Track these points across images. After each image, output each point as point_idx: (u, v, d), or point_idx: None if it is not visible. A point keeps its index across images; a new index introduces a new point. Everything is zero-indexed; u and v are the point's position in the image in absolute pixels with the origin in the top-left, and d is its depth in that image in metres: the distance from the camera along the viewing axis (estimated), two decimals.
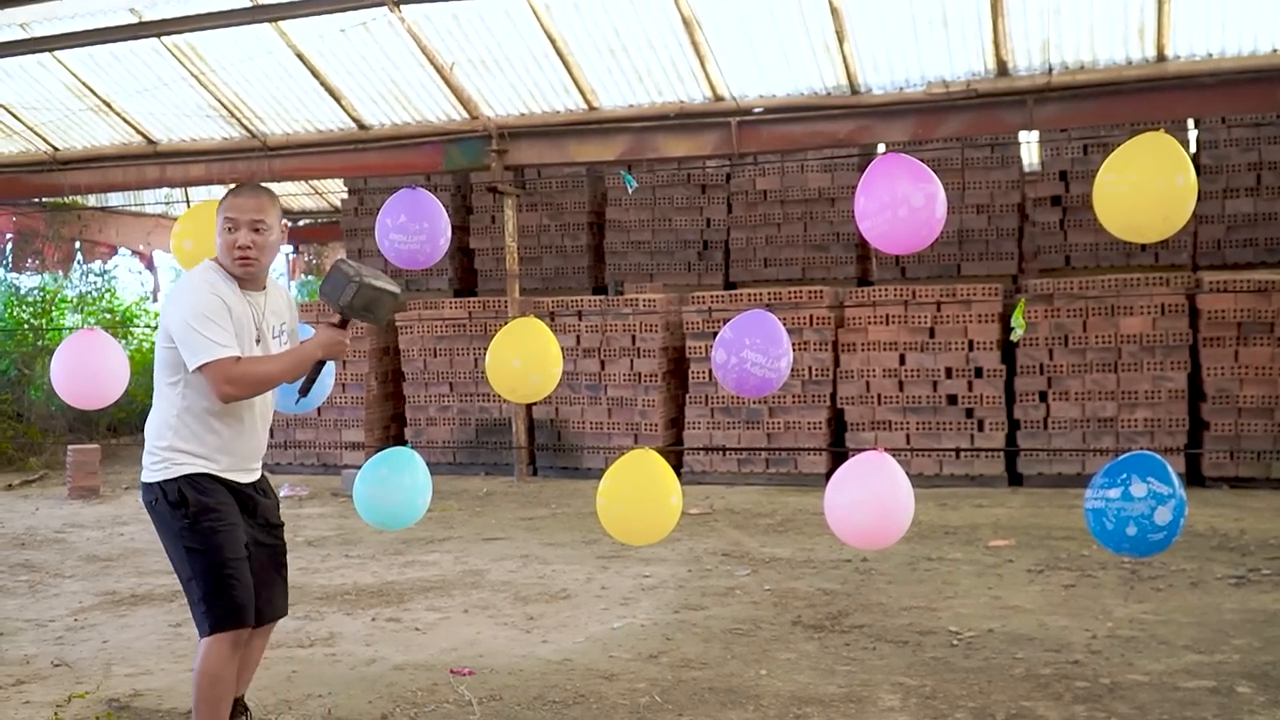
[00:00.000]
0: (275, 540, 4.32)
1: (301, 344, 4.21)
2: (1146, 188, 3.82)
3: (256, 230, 4.09)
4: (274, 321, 4.26)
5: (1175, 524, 3.76)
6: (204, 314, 3.93)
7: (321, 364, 4.24)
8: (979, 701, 5.03)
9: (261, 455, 4.30)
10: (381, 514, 4.95)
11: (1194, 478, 10.87)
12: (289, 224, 20.81)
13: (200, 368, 3.91)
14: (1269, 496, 10.28)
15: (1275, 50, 9.81)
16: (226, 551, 4.03)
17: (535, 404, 12.56)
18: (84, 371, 5.37)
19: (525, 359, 5.00)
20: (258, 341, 4.15)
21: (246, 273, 4.10)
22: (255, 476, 4.26)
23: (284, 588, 4.39)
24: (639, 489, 4.69)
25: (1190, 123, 12.47)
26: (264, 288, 4.24)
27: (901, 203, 4.05)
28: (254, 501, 4.21)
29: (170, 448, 4.05)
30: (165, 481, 4.04)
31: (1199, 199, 12.75)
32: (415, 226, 5.04)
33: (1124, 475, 3.80)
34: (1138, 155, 3.87)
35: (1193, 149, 12.53)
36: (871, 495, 4.10)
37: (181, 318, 3.94)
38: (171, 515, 4.03)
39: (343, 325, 4.21)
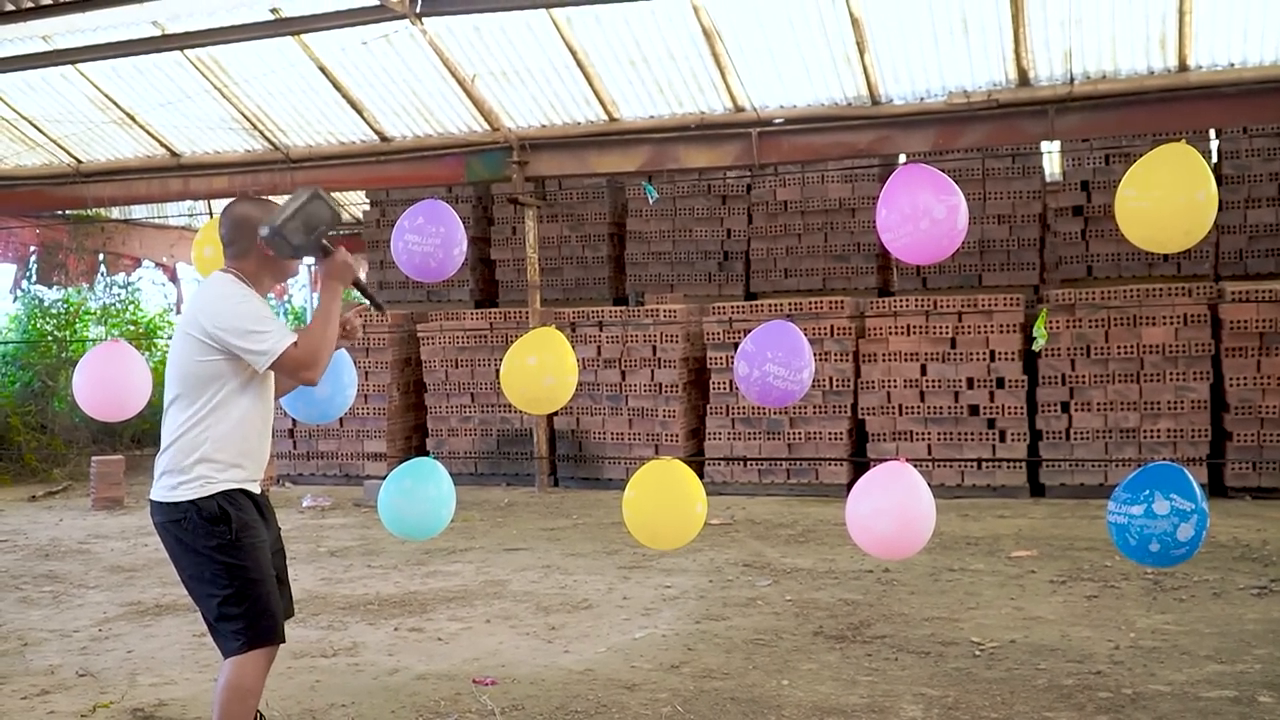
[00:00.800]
0: (280, 543, 4.31)
1: (320, 298, 4.17)
2: (1167, 203, 3.83)
3: None
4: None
5: (1197, 538, 3.76)
6: (257, 313, 3.91)
7: (364, 291, 4.21)
8: (1001, 712, 5.02)
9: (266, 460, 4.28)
10: (406, 524, 4.97)
11: (1216, 488, 10.82)
12: None
13: (276, 363, 3.88)
14: None
15: None
16: (264, 567, 3.99)
17: (556, 415, 12.58)
18: (106, 383, 5.41)
19: (541, 361, 5.01)
20: None
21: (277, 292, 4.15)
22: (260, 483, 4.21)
23: (289, 590, 4.34)
24: (666, 493, 4.71)
25: (1212, 133, 12.44)
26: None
27: (923, 215, 4.06)
28: (264, 510, 4.16)
29: (204, 460, 3.94)
30: (202, 499, 3.92)
31: (1220, 209, 12.69)
32: (430, 229, 5.06)
33: (1147, 492, 3.80)
34: (1159, 169, 3.87)
35: (1214, 159, 12.49)
36: (893, 505, 4.11)
37: (239, 321, 3.88)
38: (208, 533, 3.91)
39: (324, 255, 4.09)
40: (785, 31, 10.31)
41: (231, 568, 3.92)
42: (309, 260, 4.15)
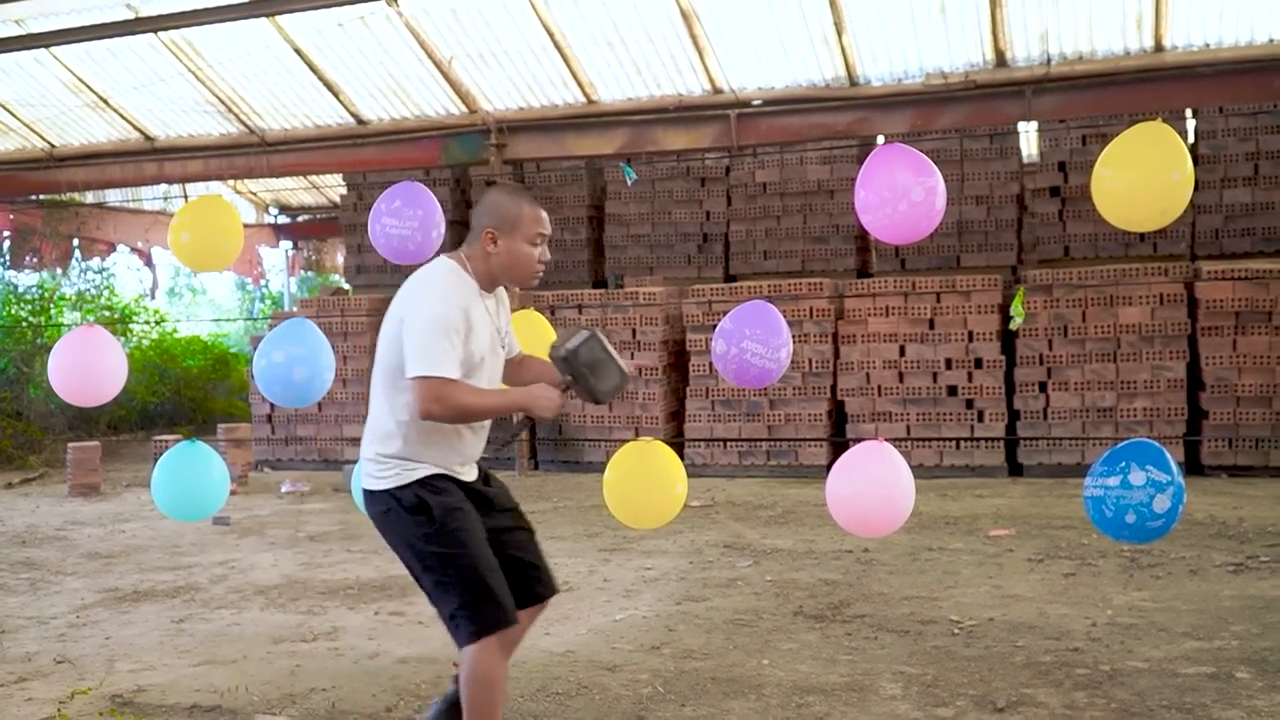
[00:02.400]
0: (520, 523, 4.14)
1: (513, 390, 4.01)
2: (1143, 182, 3.84)
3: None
4: (504, 325, 4.07)
5: (1174, 511, 3.78)
6: (446, 326, 3.71)
7: (528, 423, 4.04)
8: (980, 689, 5.05)
9: (479, 454, 4.09)
10: None
11: (1193, 466, 10.90)
12: (287, 219, 20.85)
13: (417, 378, 3.69)
14: (1267, 484, 10.30)
15: (1272, 40, 9.81)
16: (479, 550, 3.82)
17: None
18: (81, 369, 5.37)
19: (524, 346, 5.00)
20: (503, 346, 4.02)
21: (532, 284, 4.00)
22: (476, 473, 4.06)
23: (547, 566, 4.21)
24: (647, 472, 4.72)
25: (1188, 112, 12.48)
26: (494, 290, 4.04)
27: (901, 197, 4.07)
28: (483, 495, 4.00)
29: (399, 455, 3.84)
30: (399, 489, 3.82)
31: (1197, 189, 12.79)
32: (409, 213, 5.05)
33: (1123, 463, 3.82)
34: (1135, 148, 3.88)
35: (1190, 139, 12.54)
36: (872, 483, 4.12)
37: (421, 322, 3.72)
38: (412, 524, 3.81)
39: (563, 389, 3.94)
40: (763, 12, 10.29)
41: (442, 557, 3.79)
42: (562, 379, 3.96)
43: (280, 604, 7.04)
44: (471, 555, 3.79)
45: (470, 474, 3.99)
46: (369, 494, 3.91)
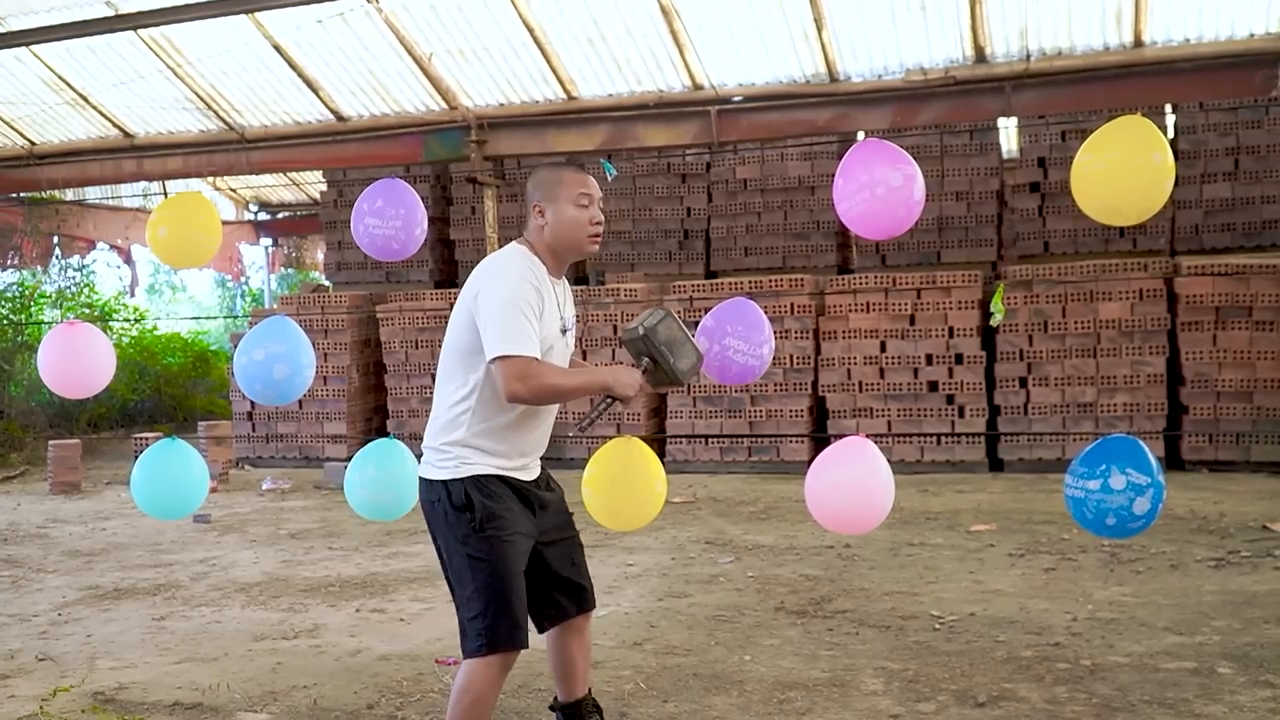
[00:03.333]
0: (569, 533, 4.06)
1: (596, 368, 3.94)
2: (1124, 167, 3.84)
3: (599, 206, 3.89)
4: (568, 313, 3.97)
5: (1153, 511, 3.80)
6: (521, 303, 3.61)
7: (610, 401, 3.88)
8: (961, 684, 5.06)
9: (544, 449, 4.00)
10: (373, 505, 4.96)
11: (1173, 461, 10.94)
12: (267, 216, 20.79)
13: (499, 358, 3.57)
14: (1248, 479, 10.35)
15: (1252, 35, 9.86)
16: (510, 565, 3.72)
17: None
18: (72, 360, 5.35)
19: None
20: (564, 332, 3.89)
21: (593, 252, 3.91)
22: (537, 472, 3.96)
23: (589, 580, 4.12)
24: (625, 474, 4.70)
25: (1168, 108, 12.53)
26: (562, 276, 3.97)
27: (879, 182, 4.07)
28: (539, 498, 3.91)
29: (461, 443, 3.75)
30: (451, 481, 3.73)
31: (1177, 184, 12.77)
32: (391, 212, 5.03)
33: (1103, 466, 3.82)
34: (1115, 137, 3.89)
35: (1170, 134, 12.59)
36: (851, 480, 4.12)
37: (496, 302, 3.62)
38: (456, 520, 3.73)
39: (642, 372, 3.89)
40: (743, 9, 10.30)
41: (474, 561, 3.70)
42: (637, 357, 3.91)
43: (261, 601, 7.02)
44: (502, 568, 3.71)
45: (530, 473, 3.90)
46: (423, 481, 3.85)
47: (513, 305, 3.61)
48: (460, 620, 3.78)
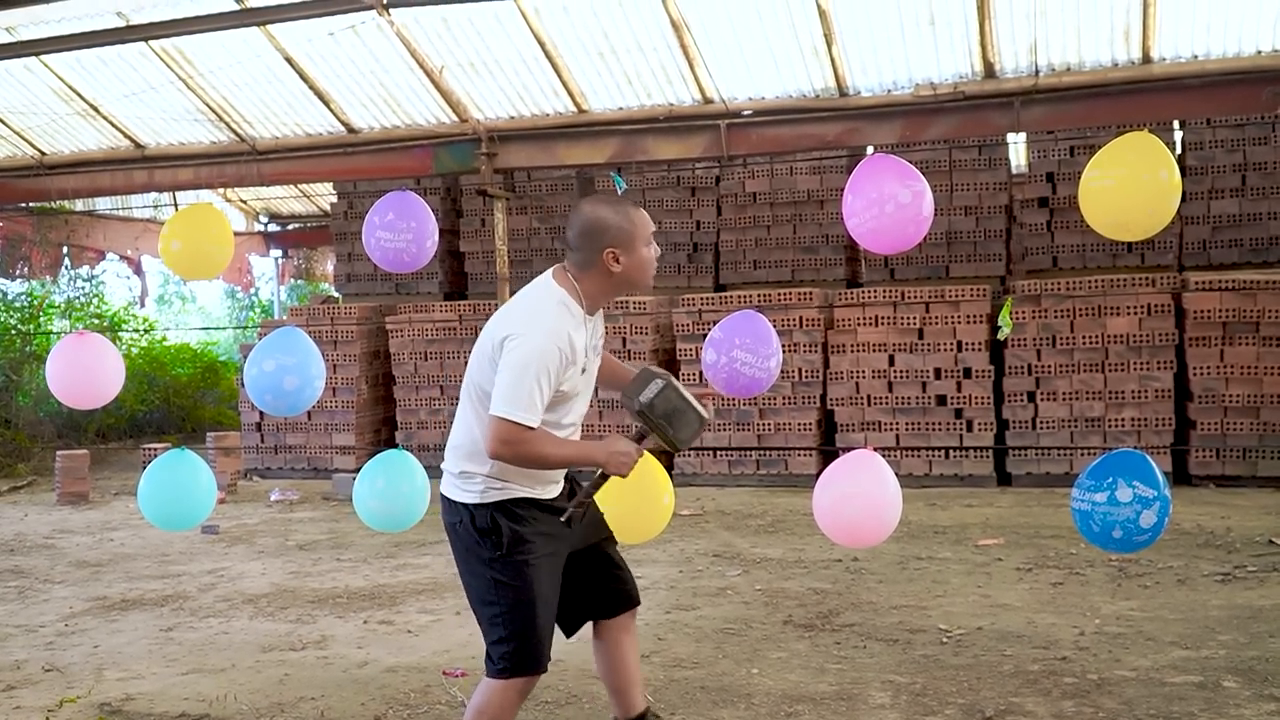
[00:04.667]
0: (606, 532, 4.03)
1: (588, 442, 3.82)
2: (1131, 183, 3.86)
3: None
4: (597, 342, 3.93)
5: (1160, 524, 3.81)
6: (540, 370, 3.54)
7: (603, 479, 3.80)
8: (968, 698, 5.06)
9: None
10: (382, 516, 4.98)
11: (1180, 476, 10.93)
12: (278, 228, 20.83)
13: (497, 416, 3.53)
14: (1255, 494, 10.34)
15: (1259, 52, 9.85)
16: (535, 589, 3.69)
17: None
18: (81, 371, 5.38)
19: None
20: (582, 371, 3.79)
21: (650, 285, 3.88)
22: (561, 486, 3.92)
23: (628, 573, 4.08)
24: (633, 487, 4.71)
25: (1176, 124, 12.53)
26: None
27: (889, 199, 4.09)
28: (561, 511, 3.84)
29: (486, 475, 3.70)
30: (476, 506, 3.70)
31: (1184, 200, 12.76)
32: (402, 225, 5.06)
33: (1110, 479, 3.84)
34: (1123, 153, 3.91)
35: (1178, 150, 12.59)
36: (859, 493, 4.13)
37: (516, 360, 3.54)
38: (479, 544, 3.70)
39: (638, 439, 3.81)
40: (753, 23, 10.31)
41: (500, 585, 3.68)
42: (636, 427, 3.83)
43: (269, 613, 7.04)
44: (527, 593, 3.68)
45: (555, 489, 3.85)
46: (447, 501, 3.81)
47: (529, 369, 3.53)
48: (485, 640, 3.78)
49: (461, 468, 3.75)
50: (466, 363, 3.72)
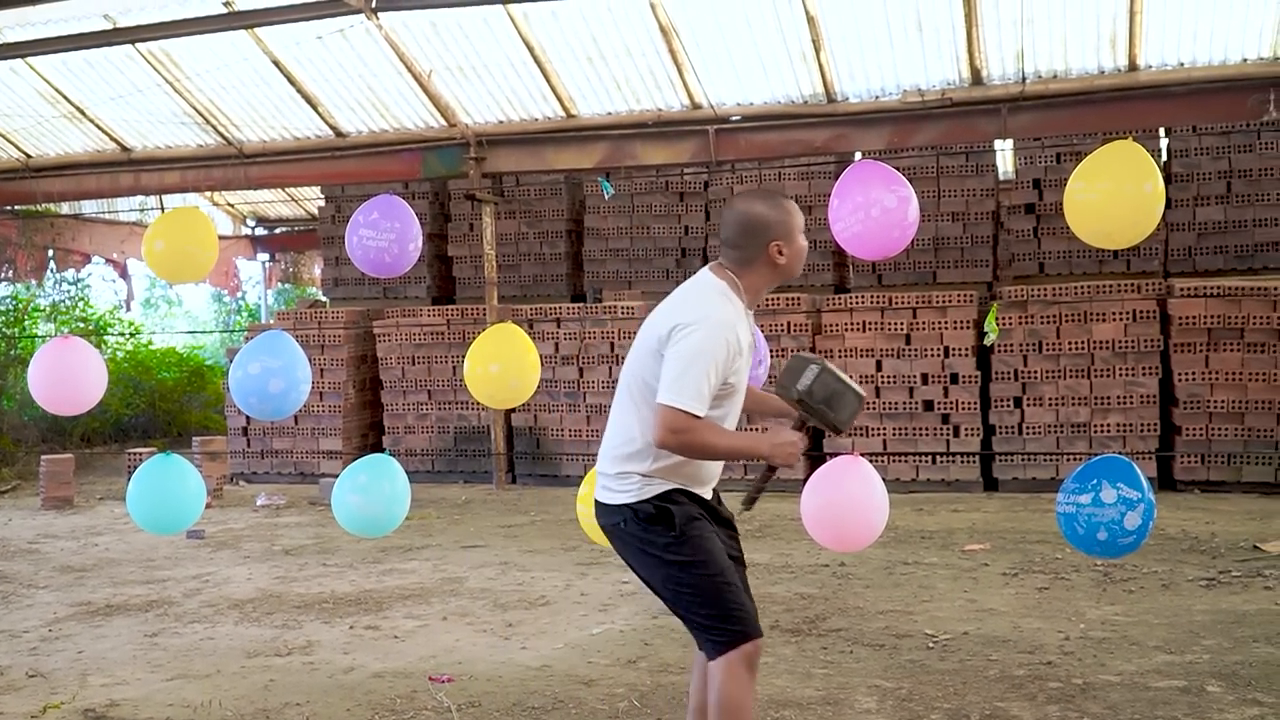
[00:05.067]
0: (738, 552, 3.93)
1: (754, 435, 3.81)
2: (1115, 195, 3.88)
3: None
4: (751, 338, 3.85)
5: (1144, 527, 3.82)
6: (710, 360, 3.50)
7: (772, 471, 3.79)
8: (954, 703, 5.07)
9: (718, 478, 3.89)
10: (361, 521, 4.96)
11: (1165, 481, 10.97)
12: (265, 231, 20.79)
13: (665, 405, 3.47)
14: (1239, 500, 10.38)
15: (1245, 60, 9.92)
16: (720, 558, 3.65)
17: (514, 411, 12.57)
18: (63, 377, 5.36)
19: (503, 364, 5.02)
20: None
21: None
22: (711, 494, 3.86)
23: (753, 603, 3.88)
24: None
25: (1161, 131, 12.57)
26: None
27: (874, 203, 4.10)
28: (717, 513, 3.83)
29: (644, 474, 3.63)
30: (637, 503, 3.64)
31: (1170, 206, 12.81)
32: (385, 224, 5.06)
33: (1094, 481, 3.85)
34: (1107, 164, 3.93)
35: (1164, 157, 12.63)
36: (846, 498, 4.14)
37: (688, 349, 3.50)
38: (650, 535, 3.62)
39: (800, 427, 3.76)
40: (742, 29, 10.34)
41: (685, 565, 3.61)
42: (794, 417, 3.77)
43: (254, 618, 7.02)
44: (715, 564, 3.62)
45: (708, 493, 3.82)
46: (602, 506, 3.76)
47: (701, 358, 3.49)
48: (690, 628, 3.71)
49: (619, 469, 3.69)
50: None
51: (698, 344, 3.50)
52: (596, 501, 3.79)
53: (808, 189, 13.50)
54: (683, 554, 3.61)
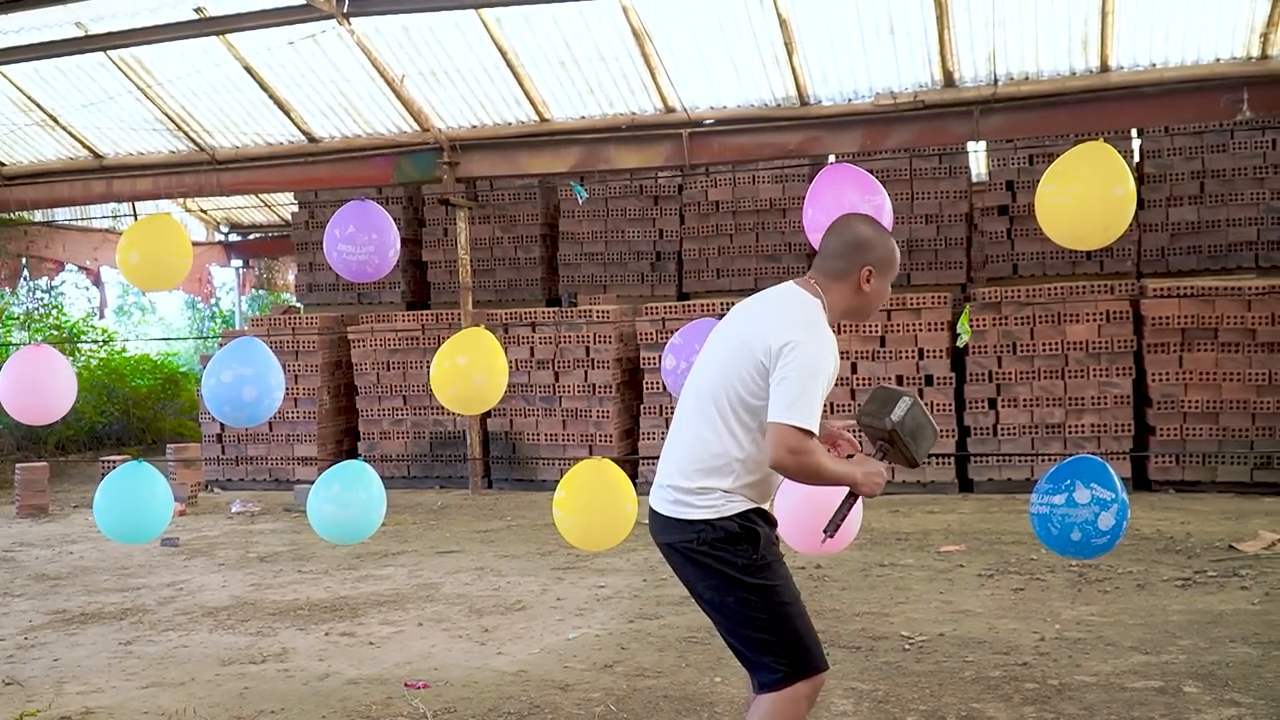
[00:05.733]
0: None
1: (850, 463, 3.63)
2: (1086, 198, 3.90)
3: None
4: None
5: (1118, 528, 3.83)
6: (823, 375, 3.40)
7: (854, 500, 3.67)
8: (930, 704, 5.08)
9: None
10: (336, 528, 4.94)
11: (1140, 482, 11.03)
12: (238, 237, 20.70)
13: (784, 424, 3.31)
14: (1214, 499, 10.43)
15: (1217, 60, 9.97)
16: (794, 585, 3.53)
17: (489, 416, 12.55)
18: (32, 387, 5.33)
19: (470, 360, 5.00)
20: None
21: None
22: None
23: None
24: (596, 495, 4.72)
25: (1134, 132, 12.64)
26: None
27: (847, 207, 4.11)
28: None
29: (725, 490, 3.47)
30: (719, 520, 3.47)
31: (1143, 207, 12.85)
32: (364, 238, 5.04)
33: (1068, 481, 3.87)
34: (1077, 166, 3.94)
35: (1136, 158, 12.70)
36: (820, 500, 4.14)
37: (804, 366, 3.35)
38: (730, 554, 3.46)
39: (881, 457, 3.72)
40: (714, 33, 10.35)
41: (760, 590, 3.45)
42: (876, 441, 3.73)
43: (229, 625, 6.98)
44: (790, 591, 3.50)
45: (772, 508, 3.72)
46: (671, 521, 3.54)
47: (817, 375, 3.38)
48: (742, 654, 3.56)
49: (698, 483, 3.49)
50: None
51: (814, 363, 3.39)
52: (662, 516, 3.57)
53: (781, 192, 13.54)
54: (762, 577, 3.46)
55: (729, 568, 3.46)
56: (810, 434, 3.33)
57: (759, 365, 3.42)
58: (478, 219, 14.25)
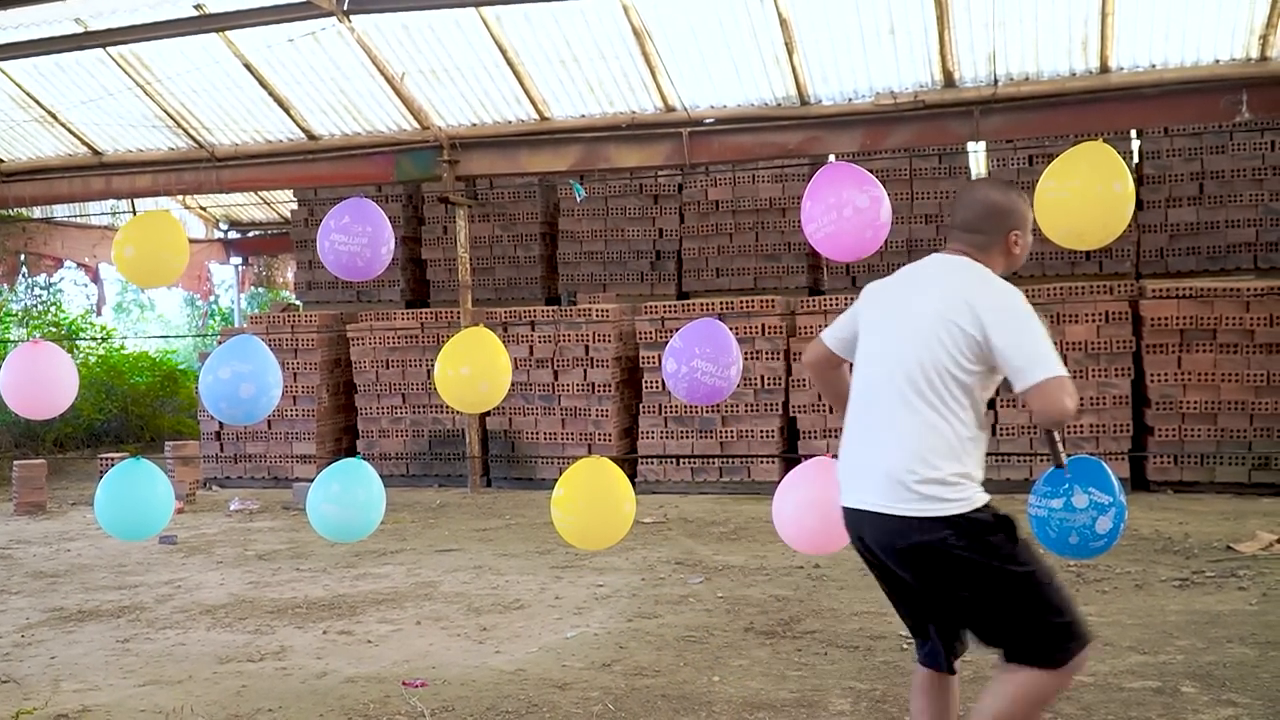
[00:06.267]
0: None
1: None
2: (1086, 195, 3.90)
3: None
4: None
5: (1115, 531, 3.83)
6: (1044, 329, 3.38)
7: (1050, 434, 3.69)
8: None
9: None
10: (335, 526, 4.93)
11: (1138, 482, 11.02)
12: (237, 235, 20.69)
13: (1053, 376, 3.27)
14: (1212, 500, 10.43)
15: (1216, 61, 9.97)
16: (1046, 562, 3.50)
17: (488, 415, 12.55)
18: (34, 381, 5.32)
19: (474, 367, 5.00)
20: None
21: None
22: None
23: None
24: (594, 494, 4.71)
25: (1133, 133, 12.65)
26: None
27: (846, 204, 4.11)
28: None
29: (967, 475, 3.43)
30: (972, 512, 3.40)
31: (1142, 208, 12.83)
32: (357, 229, 5.02)
33: (1066, 485, 3.87)
34: (1077, 164, 3.94)
35: (1136, 159, 12.70)
36: (819, 500, 4.14)
37: (1030, 324, 3.35)
38: (994, 546, 3.40)
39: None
40: (715, 32, 10.35)
41: (1029, 574, 3.42)
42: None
43: (227, 623, 6.98)
44: (1047, 569, 3.46)
45: None
46: (915, 522, 3.42)
47: (1037, 320, 3.38)
48: (1022, 642, 3.45)
49: (947, 471, 3.41)
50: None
51: (1028, 310, 3.39)
52: (899, 518, 3.45)
53: (781, 191, 13.54)
54: (1024, 560, 3.42)
55: (995, 558, 3.40)
56: (1067, 375, 3.32)
57: (967, 337, 3.40)
58: (477, 217, 14.25)
